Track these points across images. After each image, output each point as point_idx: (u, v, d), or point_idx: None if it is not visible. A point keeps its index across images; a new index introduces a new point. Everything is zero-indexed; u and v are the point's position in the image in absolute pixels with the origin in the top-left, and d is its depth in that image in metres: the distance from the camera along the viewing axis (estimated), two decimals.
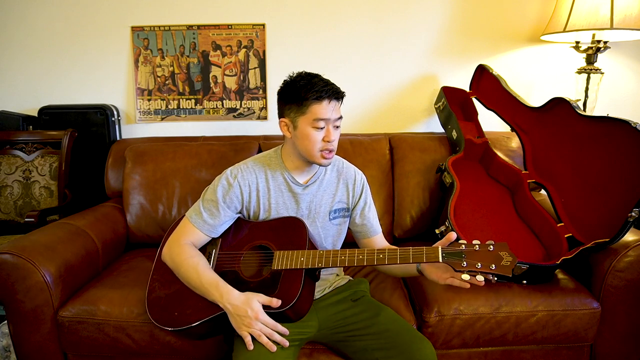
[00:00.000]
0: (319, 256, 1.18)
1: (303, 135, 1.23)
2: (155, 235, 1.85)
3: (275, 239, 1.27)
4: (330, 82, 1.24)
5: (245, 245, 1.29)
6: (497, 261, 0.99)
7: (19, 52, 2.19)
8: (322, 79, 1.24)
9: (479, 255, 1.02)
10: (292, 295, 1.14)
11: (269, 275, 1.20)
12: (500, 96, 1.90)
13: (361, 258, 1.15)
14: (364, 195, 1.40)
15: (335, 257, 1.17)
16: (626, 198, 1.36)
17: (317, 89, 1.20)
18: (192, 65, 2.20)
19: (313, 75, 1.25)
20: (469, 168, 1.88)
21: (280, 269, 1.19)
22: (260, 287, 1.19)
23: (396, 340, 1.18)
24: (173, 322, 1.22)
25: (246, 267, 1.27)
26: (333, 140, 1.24)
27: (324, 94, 1.20)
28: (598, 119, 1.48)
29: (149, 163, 1.88)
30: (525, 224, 1.68)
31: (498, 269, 0.98)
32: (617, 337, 1.44)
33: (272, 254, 1.23)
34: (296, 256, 1.19)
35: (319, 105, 1.20)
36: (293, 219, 1.29)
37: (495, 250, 1.01)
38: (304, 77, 1.23)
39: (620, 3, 1.74)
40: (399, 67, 2.19)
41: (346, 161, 1.44)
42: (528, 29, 2.13)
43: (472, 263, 1.00)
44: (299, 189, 1.33)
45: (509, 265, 0.98)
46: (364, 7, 2.13)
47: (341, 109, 1.26)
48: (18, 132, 2.11)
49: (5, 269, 1.35)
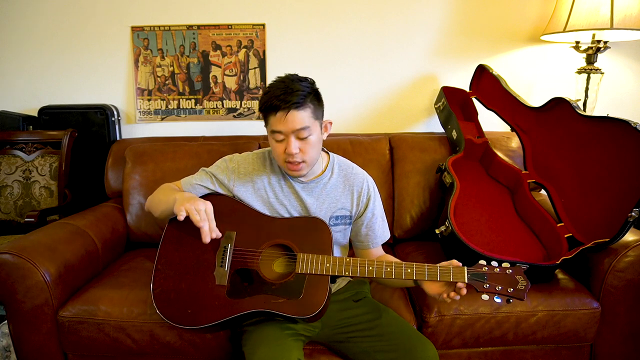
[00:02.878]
0: (346, 264, 1.15)
1: (271, 147, 1.23)
2: (155, 235, 1.85)
3: (297, 239, 1.22)
4: (291, 89, 1.13)
5: (264, 243, 1.24)
6: (514, 284, 1.08)
7: (19, 52, 2.19)
8: (282, 87, 1.14)
9: (499, 278, 1.09)
10: (318, 302, 1.12)
11: (292, 279, 1.17)
12: (500, 96, 1.89)
13: (389, 271, 1.13)
14: (371, 206, 1.33)
15: (363, 267, 1.15)
16: (626, 198, 1.36)
17: (269, 99, 1.14)
18: (192, 65, 2.20)
19: (281, 81, 1.17)
20: (469, 168, 1.88)
21: (305, 272, 1.16)
22: (283, 289, 1.16)
23: (398, 343, 1.17)
24: (187, 320, 1.17)
25: (265, 266, 1.22)
26: (294, 152, 1.17)
27: (275, 107, 1.13)
28: (598, 119, 1.48)
29: (149, 163, 1.88)
30: (525, 224, 1.68)
31: (515, 292, 1.07)
32: (617, 337, 1.44)
33: (293, 255, 1.20)
34: (322, 261, 1.16)
35: (273, 116, 1.15)
36: (316, 220, 1.25)
37: (513, 273, 1.10)
38: (271, 85, 1.18)
39: (620, 3, 1.73)
40: (399, 67, 2.19)
41: (356, 166, 1.38)
42: (528, 29, 2.13)
43: (493, 285, 1.08)
44: (299, 186, 1.31)
45: (524, 290, 1.07)
46: (364, 8, 2.13)
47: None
48: (18, 132, 2.11)
49: (5, 269, 1.35)
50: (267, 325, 1.19)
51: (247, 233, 1.25)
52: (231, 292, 1.18)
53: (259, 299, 1.16)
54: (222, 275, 1.19)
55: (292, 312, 1.13)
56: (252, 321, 1.23)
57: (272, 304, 1.14)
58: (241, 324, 1.25)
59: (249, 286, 1.18)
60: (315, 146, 1.21)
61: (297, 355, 1.13)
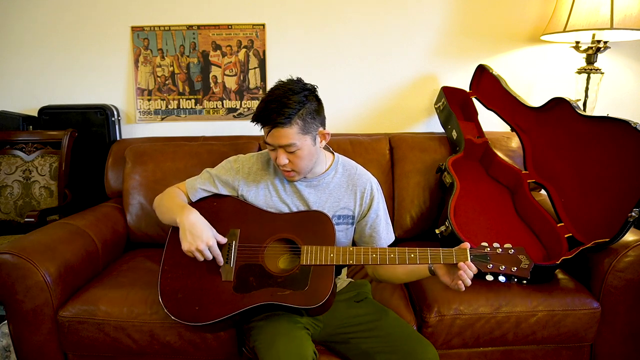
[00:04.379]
0: (349, 253, 1.17)
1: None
2: (156, 235, 1.85)
3: (300, 232, 1.24)
4: (282, 104, 1.13)
5: (268, 238, 1.26)
6: (517, 264, 1.08)
7: (19, 52, 2.19)
8: (274, 99, 1.14)
9: (502, 258, 1.10)
10: (324, 292, 1.14)
11: (297, 271, 1.18)
12: (500, 96, 1.90)
13: (392, 257, 1.14)
14: (375, 207, 1.33)
15: (367, 254, 1.16)
16: (626, 198, 1.36)
17: (258, 111, 1.17)
18: (192, 65, 2.20)
19: (277, 90, 1.17)
20: (469, 168, 1.88)
21: (310, 264, 1.18)
22: (289, 281, 1.17)
23: (399, 344, 1.17)
24: (195, 317, 1.19)
25: (270, 261, 1.24)
26: (281, 164, 1.20)
27: (261, 121, 1.18)
28: (598, 119, 1.48)
29: (149, 163, 1.88)
30: (525, 224, 1.68)
31: (519, 271, 1.07)
32: (617, 337, 1.44)
33: (297, 248, 1.21)
34: (326, 252, 1.18)
35: (262, 127, 1.20)
36: (318, 214, 1.27)
37: (515, 253, 1.10)
38: (269, 93, 1.18)
39: (620, 3, 1.73)
40: (399, 67, 2.19)
41: (361, 167, 1.38)
42: (528, 29, 2.13)
43: (497, 265, 1.09)
44: (301, 184, 1.32)
45: (527, 268, 1.08)
46: (364, 8, 2.13)
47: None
48: (18, 132, 2.11)
49: (5, 269, 1.35)
50: (277, 319, 1.19)
51: (251, 229, 1.28)
52: (238, 287, 1.19)
53: (266, 292, 1.17)
54: (228, 272, 1.22)
55: (298, 302, 1.14)
56: (260, 317, 1.23)
57: (279, 296, 1.16)
58: (249, 319, 1.26)
59: (254, 281, 1.19)
60: (305, 158, 1.22)
61: (312, 347, 1.14)
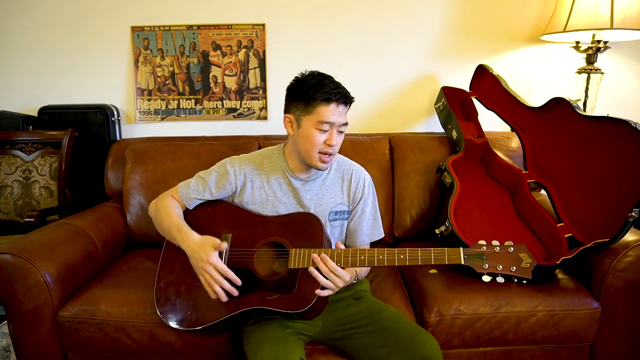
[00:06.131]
0: (337, 255, 1.14)
1: (305, 134, 1.23)
2: (155, 235, 1.82)
3: (290, 235, 1.23)
4: (341, 85, 1.24)
5: (258, 242, 1.26)
6: (517, 263, 1.01)
7: (19, 52, 2.19)
8: (333, 81, 1.24)
9: (500, 257, 1.02)
10: (311, 296, 1.11)
11: (285, 274, 1.18)
12: (500, 96, 1.89)
13: (381, 258, 1.11)
14: (362, 203, 1.36)
15: (355, 256, 1.13)
16: (626, 198, 1.35)
17: (327, 90, 1.19)
18: (192, 65, 2.20)
19: (325, 76, 1.24)
20: (469, 168, 1.88)
21: (297, 267, 1.16)
22: (277, 286, 1.17)
23: (399, 336, 1.17)
24: (188, 322, 1.20)
25: (260, 265, 1.24)
26: (335, 144, 1.24)
27: (333, 97, 1.19)
28: (598, 119, 1.48)
29: (149, 163, 1.88)
30: (525, 224, 1.68)
31: (519, 270, 1.00)
32: (617, 337, 1.44)
33: (286, 252, 1.20)
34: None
35: (326, 107, 1.20)
36: (308, 216, 1.26)
37: (515, 251, 1.03)
38: (315, 77, 1.23)
39: (620, 3, 1.73)
40: (399, 67, 2.19)
41: (355, 163, 1.41)
42: (528, 29, 2.13)
43: (494, 265, 1.01)
44: (298, 183, 1.33)
45: (529, 267, 1.00)
46: (364, 8, 2.13)
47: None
48: (18, 132, 2.11)
49: (5, 269, 1.34)
50: (267, 324, 1.19)
51: (243, 234, 1.28)
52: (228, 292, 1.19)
53: (255, 297, 1.17)
54: None
55: (285, 307, 1.13)
56: (252, 321, 1.23)
57: (267, 301, 1.15)
58: (242, 324, 1.26)
59: (244, 285, 1.19)
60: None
61: (299, 354, 1.13)
